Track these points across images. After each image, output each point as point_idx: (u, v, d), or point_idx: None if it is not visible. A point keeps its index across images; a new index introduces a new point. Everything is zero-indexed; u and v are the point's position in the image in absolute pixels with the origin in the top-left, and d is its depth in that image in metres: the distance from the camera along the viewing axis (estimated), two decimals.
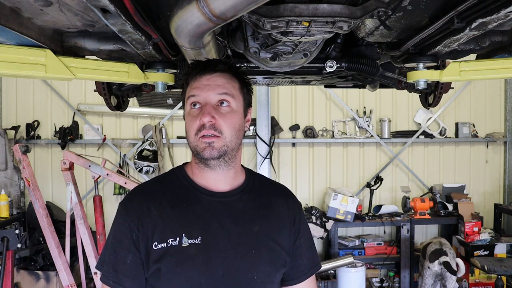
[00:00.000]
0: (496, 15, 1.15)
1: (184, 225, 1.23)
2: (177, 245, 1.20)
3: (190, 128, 1.26)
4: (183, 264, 1.20)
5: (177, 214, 1.25)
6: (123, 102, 2.46)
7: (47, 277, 4.44)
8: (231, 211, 1.28)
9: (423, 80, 1.73)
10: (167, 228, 1.22)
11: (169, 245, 1.20)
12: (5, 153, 4.87)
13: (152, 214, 1.23)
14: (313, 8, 1.22)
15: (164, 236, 1.21)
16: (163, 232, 1.22)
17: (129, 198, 1.30)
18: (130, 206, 1.26)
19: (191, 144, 1.25)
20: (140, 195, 1.30)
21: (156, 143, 5.24)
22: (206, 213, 1.26)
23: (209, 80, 1.26)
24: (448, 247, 4.33)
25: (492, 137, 5.66)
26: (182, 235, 1.21)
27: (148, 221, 1.22)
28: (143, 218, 1.23)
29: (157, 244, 1.21)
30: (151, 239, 1.21)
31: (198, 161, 1.27)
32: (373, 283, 5.10)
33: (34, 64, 1.42)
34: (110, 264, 1.24)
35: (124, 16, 1.08)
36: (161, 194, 1.28)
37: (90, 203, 5.02)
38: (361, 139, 5.54)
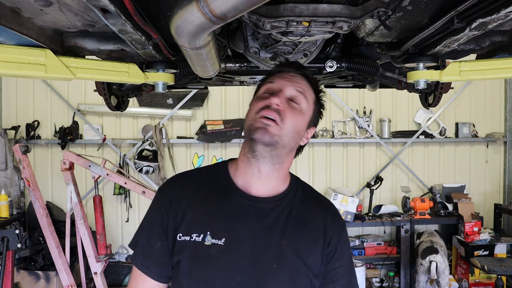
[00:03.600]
0: (496, 15, 1.15)
1: (211, 223, 1.20)
2: (199, 242, 1.18)
3: (253, 108, 1.22)
4: (200, 263, 1.18)
5: (207, 210, 1.22)
6: (123, 102, 2.46)
7: (47, 277, 4.44)
8: (262, 219, 1.22)
9: (423, 80, 1.73)
10: (194, 221, 1.21)
11: (192, 239, 1.19)
12: (5, 153, 4.87)
13: (183, 205, 1.23)
14: (313, 8, 1.22)
15: (189, 229, 1.20)
16: (190, 225, 1.20)
17: (167, 184, 1.32)
18: (165, 192, 1.29)
19: (246, 123, 1.21)
20: (177, 183, 1.31)
21: (156, 143, 5.23)
22: (236, 215, 1.22)
23: (292, 77, 1.27)
24: (439, 244, 4.35)
25: (492, 137, 5.66)
26: (207, 232, 1.19)
27: (178, 211, 1.23)
28: (174, 207, 1.24)
29: (181, 236, 1.20)
30: (177, 229, 1.22)
31: (247, 147, 1.22)
32: (373, 283, 5.10)
33: (34, 64, 1.42)
34: (141, 246, 1.27)
35: (124, 16, 1.08)
36: (197, 186, 1.27)
37: (90, 203, 5.01)
38: (361, 139, 5.54)
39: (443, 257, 4.22)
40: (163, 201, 1.27)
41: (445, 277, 4.15)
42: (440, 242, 4.51)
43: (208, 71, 1.65)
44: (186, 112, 5.42)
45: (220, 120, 5.34)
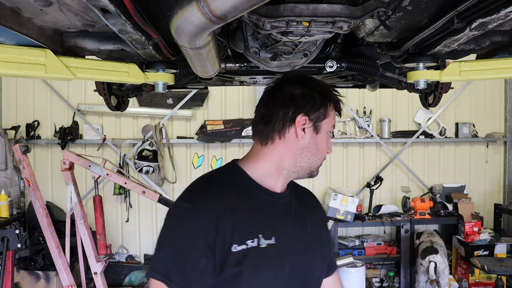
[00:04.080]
0: (496, 15, 1.15)
1: (259, 225, 1.24)
2: (256, 247, 1.21)
3: (323, 151, 1.37)
4: (263, 266, 1.22)
5: (250, 214, 1.25)
6: (123, 102, 2.46)
7: (47, 277, 4.44)
8: (289, 211, 1.34)
9: (423, 80, 1.73)
10: (244, 229, 1.21)
11: (248, 246, 1.20)
12: (5, 153, 4.88)
13: (228, 215, 1.20)
14: (313, 8, 1.22)
15: (242, 237, 1.20)
16: (241, 233, 1.20)
17: (199, 197, 1.24)
18: (204, 205, 1.21)
19: (315, 162, 1.36)
20: (212, 194, 1.25)
21: (156, 143, 5.23)
22: (272, 213, 1.30)
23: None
24: (439, 244, 4.35)
25: (492, 137, 5.66)
26: (259, 236, 1.22)
27: (226, 222, 1.19)
28: (220, 219, 1.18)
29: (237, 246, 1.18)
30: (229, 241, 1.18)
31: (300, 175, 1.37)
32: (373, 283, 5.10)
33: (34, 64, 1.42)
34: (178, 269, 1.16)
35: (124, 16, 1.08)
36: (230, 193, 1.26)
37: (90, 203, 5.01)
38: (361, 139, 5.54)
39: (443, 257, 4.22)
40: (203, 215, 1.19)
41: (445, 277, 4.16)
42: (440, 242, 4.51)
43: (208, 71, 1.65)
44: (186, 112, 5.42)
45: (220, 120, 5.34)
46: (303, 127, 1.29)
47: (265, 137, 1.31)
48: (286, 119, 1.29)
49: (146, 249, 5.47)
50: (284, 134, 1.30)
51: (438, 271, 4.16)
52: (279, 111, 1.29)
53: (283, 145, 1.31)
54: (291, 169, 1.33)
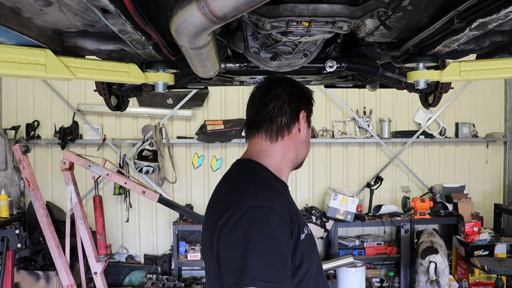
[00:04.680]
0: (496, 15, 1.15)
1: (299, 217, 1.35)
2: (307, 233, 1.33)
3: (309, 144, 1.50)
4: (314, 251, 1.36)
5: (294, 207, 1.35)
6: (123, 102, 2.46)
7: (47, 277, 4.44)
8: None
9: (423, 80, 1.73)
10: (299, 218, 1.31)
11: (305, 234, 1.31)
12: (5, 153, 4.88)
13: (289, 209, 1.28)
14: (313, 8, 1.22)
15: (301, 226, 1.31)
16: (301, 223, 1.31)
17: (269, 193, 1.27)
18: (278, 200, 1.26)
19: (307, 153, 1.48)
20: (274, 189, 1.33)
21: (156, 143, 5.23)
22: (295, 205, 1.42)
23: None
24: (439, 244, 4.34)
25: (492, 137, 5.66)
26: (304, 225, 1.34)
27: (293, 213, 1.28)
28: (291, 211, 1.27)
29: (302, 234, 1.29)
30: (298, 230, 1.27)
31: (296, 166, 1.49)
32: (373, 283, 5.10)
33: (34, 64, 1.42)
34: (280, 270, 1.13)
35: (124, 16, 1.08)
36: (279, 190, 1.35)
37: (90, 203, 5.02)
38: (361, 139, 5.54)
39: (443, 257, 4.22)
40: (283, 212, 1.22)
41: (445, 277, 4.15)
42: (440, 242, 4.51)
43: (208, 71, 1.65)
44: (186, 112, 5.42)
45: (220, 120, 5.34)
46: (303, 121, 1.43)
47: (275, 134, 1.40)
48: (293, 116, 1.40)
49: (146, 249, 5.47)
50: (291, 130, 1.41)
51: (438, 271, 4.16)
52: (287, 109, 1.40)
53: (290, 140, 1.42)
54: (294, 161, 1.46)
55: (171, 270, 5.24)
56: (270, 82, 1.46)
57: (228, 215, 1.19)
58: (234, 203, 1.21)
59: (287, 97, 1.40)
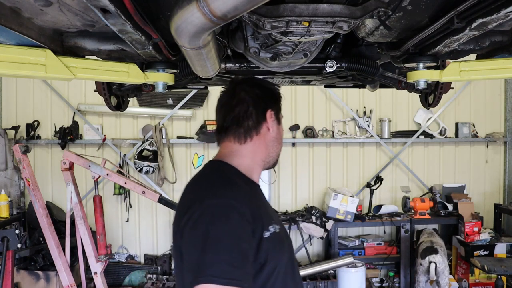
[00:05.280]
0: (496, 15, 1.15)
1: (269, 213, 1.39)
2: (274, 232, 1.31)
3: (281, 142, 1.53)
4: (282, 250, 1.35)
5: (260, 203, 1.38)
6: (123, 102, 2.46)
7: (47, 277, 4.44)
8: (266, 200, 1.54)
9: (423, 80, 1.73)
10: (265, 216, 1.32)
11: (271, 232, 1.29)
12: (5, 153, 4.88)
13: (254, 205, 1.29)
14: (313, 8, 1.22)
15: (267, 224, 1.30)
16: (266, 220, 1.30)
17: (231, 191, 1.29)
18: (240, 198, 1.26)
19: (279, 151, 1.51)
20: (237, 186, 1.33)
21: (156, 143, 5.23)
22: (266, 203, 1.48)
23: None
24: (439, 244, 4.33)
25: (492, 137, 5.66)
26: (272, 222, 1.33)
27: (257, 211, 1.27)
28: (254, 208, 1.27)
29: (266, 232, 1.27)
30: (261, 228, 1.26)
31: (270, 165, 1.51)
32: (373, 283, 5.10)
33: (34, 64, 1.42)
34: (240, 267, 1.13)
35: (124, 16, 1.08)
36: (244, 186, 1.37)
37: (90, 203, 5.01)
38: (361, 139, 5.54)
39: (443, 257, 4.21)
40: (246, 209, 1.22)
41: (444, 277, 4.15)
42: (440, 242, 4.50)
43: (208, 71, 1.65)
44: (186, 112, 5.42)
45: None
46: (271, 120, 1.46)
47: (243, 136, 1.43)
48: (260, 117, 1.44)
49: (146, 249, 5.47)
50: (260, 130, 1.45)
51: (438, 272, 4.16)
52: (253, 111, 1.43)
53: (259, 140, 1.45)
54: (266, 160, 1.48)
55: (171, 270, 5.24)
56: (233, 86, 1.49)
57: (190, 213, 1.22)
58: (195, 202, 1.24)
59: (251, 100, 1.43)
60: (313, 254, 5.36)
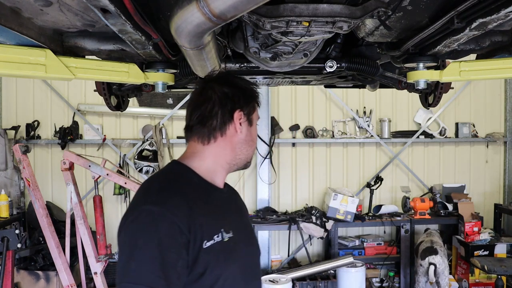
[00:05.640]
0: (496, 15, 1.15)
1: (219, 221, 1.31)
2: (220, 241, 1.27)
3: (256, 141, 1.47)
4: (228, 259, 1.29)
5: (210, 210, 1.31)
6: (123, 102, 2.46)
7: (47, 277, 4.44)
8: (233, 205, 1.47)
9: (423, 80, 1.73)
10: (210, 224, 1.26)
11: (215, 242, 1.25)
12: (5, 153, 4.87)
13: (197, 212, 1.23)
14: (313, 8, 1.22)
15: (210, 233, 1.25)
16: (209, 229, 1.25)
17: (167, 198, 1.23)
18: (174, 206, 1.21)
19: (250, 153, 1.43)
20: (177, 193, 1.26)
21: (156, 143, 5.24)
22: (224, 208, 1.39)
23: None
24: (439, 245, 4.31)
25: (492, 137, 5.66)
26: (221, 230, 1.28)
27: (196, 220, 1.22)
28: (191, 217, 1.21)
29: (206, 242, 1.23)
30: (200, 237, 1.21)
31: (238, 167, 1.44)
32: (373, 283, 5.10)
33: (34, 64, 1.42)
34: (161, 276, 1.13)
35: (124, 16, 1.08)
36: (191, 191, 1.30)
37: (90, 203, 5.01)
38: (361, 139, 5.54)
39: (443, 257, 4.20)
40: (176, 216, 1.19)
41: (444, 277, 4.14)
42: (439, 242, 4.49)
43: (208, 71, 1.64)
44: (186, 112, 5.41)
45: None
46: (240, 121, 1.37)
47: (207, 136, 1.37)
48: (226, 117, 1.35)
49: None
50: (225, 131, 1.36)
51: (438, 272, 4.15)
52: (218, 111, 1.35)
53: (224, 142, 1.37)
54: (232, 162, 1.41)
55: None
56: (204, 84, 1.41)
57: (126, 217, 1.23)
58: (133, 205, 1.25)
59: (218, 98, 1.34)
60: (313, 254, 5.36)
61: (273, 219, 4.97)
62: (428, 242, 4.42)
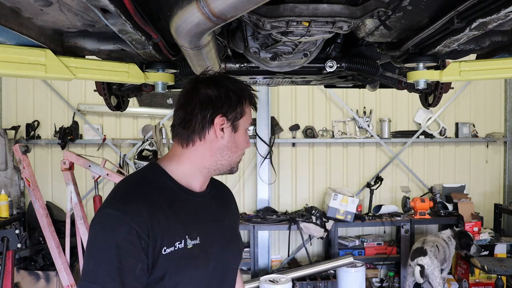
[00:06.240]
0: (496, 15, 1.15)
1: (185, 227, 1.29)
2: (183, 248, 1.25)
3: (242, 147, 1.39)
4: (190, 265, 1.27)
5: (177, 216, 1.28)
6: (123, 102, 2.46)
7: (47, 277, 4.44)
8: (209, 210, 1.41)
9: (423, 80, 1.73)
10: (172, 231, 1.25)
11: (176, 248, 1.24)
12: (5, 153, 4.87)
13: (159, 218, 1.22)
14: (313, 8, 1.22)
15: (171, 239, 1.24)
16: (171, 236, 1.24)
17: (128, 203, 1.23)
18: (134, 211, 1.20)
19: (234, 159, 1.37)
20: (140, 198, 1.25)
21: (156, 143, 5.24)
22: (195, 213, 1.35)
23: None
24: (430, 245, 4.22)
25: (492, 137, 5.66)
26: (185, 237, 1.27)
27: (156, 226, 1.21)
28: (151, 223, 1.20)
29: (166, 249, 1.22)
30: (160, 244, 1.21)
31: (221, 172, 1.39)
32: (373, 283, 5.10)
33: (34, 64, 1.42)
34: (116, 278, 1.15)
35: (124, 16, 1.08)
36: (157, 196, 1.28)
37: (90, 203, 5.02)
38: (361, 139, 5.54)
39: (432, 258, 4.09)
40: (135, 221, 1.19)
41: (435, 278, 4.07)
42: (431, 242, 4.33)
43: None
44: None
45: None
46: (222, 127, 1.31)
47: (186, 139, 1.33)
48: (205, 122, 1.30)
49: None
50: (204, 136, 1.32)
51: (427, 273, 4.08)
52: (198, 114, 1.30)
53: (203, 146, 1.33)
54: (211, 167, 1.36)
55: None
56: (192, 83, 1.36)
57: (94, 216, 1.25)
58: (101, 206, 1.27)
59: (199, 102, 1.30)
60: (313, 254, 5.36)
61: (273, 219, 4.97)
62: (420, 242, 4.34)
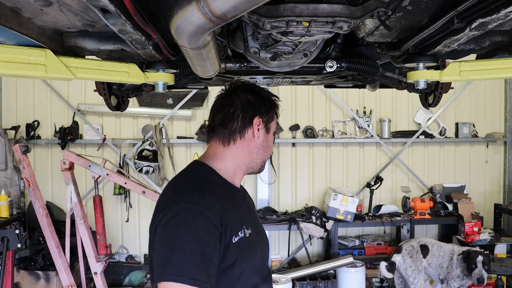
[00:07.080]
0: (496, 15, 1.15)
1: (241, 218, 1.42)
2: (244, 237, 1.38)
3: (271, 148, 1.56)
4: (251, 253, 1.41)
5: (233, 208, 1.41)
6: (123, 102, 2.46)
7: (47, 277, 4.44)
8: (247, 204, 1.59)
9: (423, 80, 1.73)
10: (235, 222, 1.37)
11: (239, 237, 1.36)
12: (5, 153, 4.88)
13: (224, 211, 1.34)
14: (313, 8, 1.22)
15: (235, 229, 1.36)
16: (235, 226, 1.36)
17: (202, 196, 1.34)
18: (209, 203, 1.32)
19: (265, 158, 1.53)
20: (209, 193, 1.37)
21: (156, 143, 5.24)
22: (242, 207, 1.51)
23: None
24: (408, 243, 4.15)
25: (492, 137, 5.66)
26: (243, 227, 1.40)
27: (227, 217, 1.33)
28: (223, 214, 1.31)
29: (235, 238, 1.34)
30: (230, 233, 1.32)
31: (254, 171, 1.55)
32: (373, 283, 5.10)
33: (34, 64, 1.42)
34: (203, 269, 1.23)
35: (124, 16, 1.08)
36: (218, 191, 1.41)
37: (90, 203, 5.01)
38: (361, 139, 5.54)
39: (405, 257, 4.06)
40: (212, 213, 1.29)
41: (408, 277, 4.03)
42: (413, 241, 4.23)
43: (208, 71, 1.65)
44: (186, 112, 5.42)
45: None
46: (258, 127, 1.48)
47: (227, 138, 1.48)
48: (246, 122, 1.47)
49: (146, 249, 5.46)
50: (244, 135, 1.48)
51: (400, 271, 4.06)
52: (239, 115, 1.47)
53: (243, 145, 1.49)
54: (248, 165, 1.52)
55: None
56: (230, 89, 1.53)
57: (164, 213, 1.31)
58: (170, 203, 1.34)
59: (241, 103, 1.47)
60: (313, 254, 5.36)
61: (273, 219, 4.97)
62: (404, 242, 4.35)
